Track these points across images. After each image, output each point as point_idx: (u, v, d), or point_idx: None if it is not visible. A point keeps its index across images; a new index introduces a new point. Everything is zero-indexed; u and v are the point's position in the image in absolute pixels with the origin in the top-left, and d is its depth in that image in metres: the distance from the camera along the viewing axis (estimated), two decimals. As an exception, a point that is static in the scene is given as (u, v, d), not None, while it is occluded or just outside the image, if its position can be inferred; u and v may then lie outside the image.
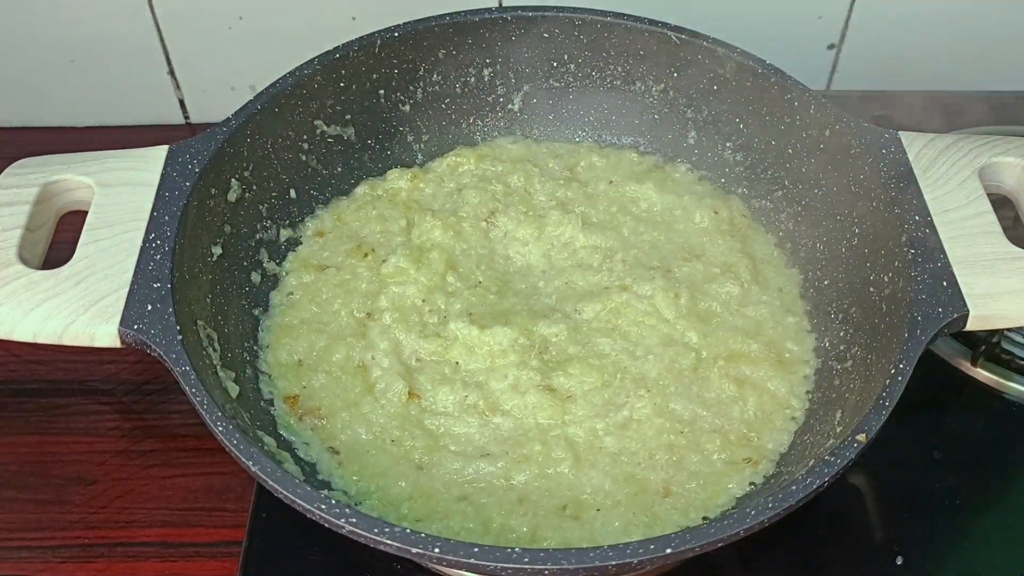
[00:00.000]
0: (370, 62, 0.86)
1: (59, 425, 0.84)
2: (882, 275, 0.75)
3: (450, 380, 0.77)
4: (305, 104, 0.85)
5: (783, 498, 0.61)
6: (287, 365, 0.79)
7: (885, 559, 0.75)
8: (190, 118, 1.09)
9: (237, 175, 0.81)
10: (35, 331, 0.71)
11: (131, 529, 0.78)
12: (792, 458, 0.74)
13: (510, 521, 0.71)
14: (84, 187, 0.78)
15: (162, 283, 0.72)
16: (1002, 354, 0.84)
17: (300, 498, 0.61)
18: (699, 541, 0.59)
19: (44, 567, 0.76)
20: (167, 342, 0.69)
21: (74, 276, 0.73)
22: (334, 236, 0.87)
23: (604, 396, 0.77)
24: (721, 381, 0.77)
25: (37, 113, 1.07)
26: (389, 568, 0.75)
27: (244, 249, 0.82)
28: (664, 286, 0.82)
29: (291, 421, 0.76)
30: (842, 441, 0.64)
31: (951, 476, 0.80)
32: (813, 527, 0.77)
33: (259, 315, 0.82)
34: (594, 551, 0.58)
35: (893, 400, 0.65)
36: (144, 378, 0.87)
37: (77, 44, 1.02)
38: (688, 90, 0.89)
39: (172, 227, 0.74)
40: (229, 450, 0.64)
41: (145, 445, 0.83)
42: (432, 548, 0.59)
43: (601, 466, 0.73)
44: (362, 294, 0.82)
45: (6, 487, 0.80)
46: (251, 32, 1.01)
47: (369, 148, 0.90)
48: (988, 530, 0.77)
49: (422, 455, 0.74)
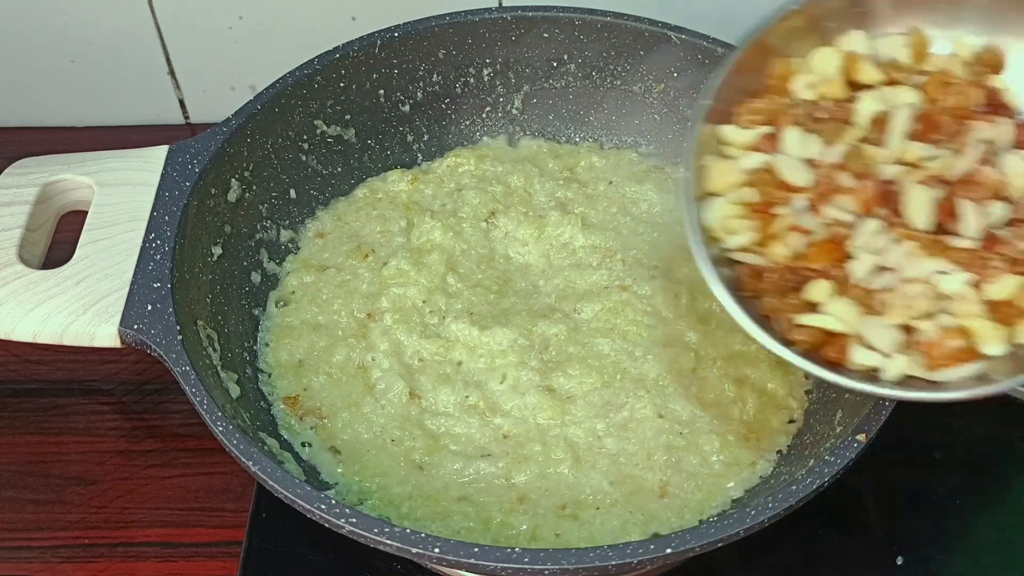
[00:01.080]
0: (370, 62, 0.86)
1: (59, 425, 0.84)
2: (882, 275, 0.75)
3: (451, 380, 0.77)
4: (305, 104, 0.85)
5: (783, 498, 0.61)
6: (287, 365, 0.79)
7: (885, 559, 0.75)
8: (190, 118, 1.09)
9: (237, 175, 0.81)
10: (35, 331, 0.71)
11: (131, 529, 0.78)
12: (792, 458, 0.74)
13: (510, 520, 0.71)
14: (84, 187, 0.78)
15: (162, 283, 0.72)
16: (1002, 354, 0.84)
17: (300, 498, 0.61)
18: (699, 541, 0.60)
19: (44, 567, 0.76)
20: (167, 342, 0.69)
21: (74, 276, 0.73)
22: (334, 237, 0.87)
23: (604, 396, 0.77)
24: (720, 382, 0.77)
25: (37, 113, 1.07)
26: (389, 568, 0.75)
27: (244, 249, 0.82)
28: (664, 286, 0.82)
29: (292, 422, 0.76)
30: (842, 441, 0.64)
31: (951, 476, 0.80)
32: (813, 527, 0.77)
33: (259, 315, 0.82)
34: (594, 551, 0.59)
35: (894, 400, 0.65)
36: (144, 378, 0.87)
37: (77, 44, 1.02)
38: (688, 90, 0.89)
39: (172, 227, 0.74)
40: (229, 450, 0.64)
41: (145, 445, 0.83)
42: (432, 548, 0.59)
43: (600, 467, 0.74)
44: (362, 295, 0.82)
45: (6, 487, 0.80)
46: (251, 32, 1.01)
47: (369, 148, 0.90)
48: (989, 530, 0.77)
49: (422, 455, 0.74)
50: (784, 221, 0.63)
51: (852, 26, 0.67)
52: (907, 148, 0.62)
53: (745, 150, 0.66)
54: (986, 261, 0.60)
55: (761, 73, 0.67)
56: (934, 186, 0.61)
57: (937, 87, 0.64)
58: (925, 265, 0.60)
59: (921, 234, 0.61)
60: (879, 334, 0.61)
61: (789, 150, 0.65)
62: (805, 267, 0.63)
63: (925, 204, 0.61)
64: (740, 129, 0.66)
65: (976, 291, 0.60)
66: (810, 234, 0.63)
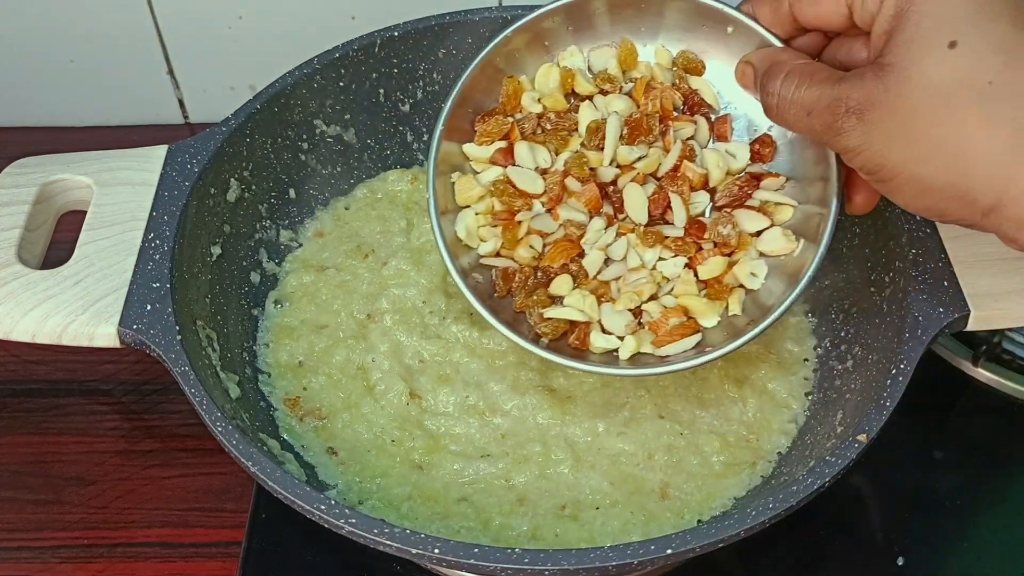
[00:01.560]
0: (370, 62, 0.86)
1: (58, 425, 0.84)
2: (883, 275, 0.75)
3: (450, 381, 0.77)
4: (305, 104, 0.85)
5: (784, 498, 0.61)
6: (287, 366, 0.79)
7: (886, 560, 0.75)
8: (189, 118, 1.09)
9: (236, 175, 0.81)
10: (34, 331, 0.71)
11: (131, 529, 0.78)
12: (792, 459, 0.73)
13: (510, 521, 0.71)
14: (83, 187, 0.78)
15: (161, 283, 0.72)
16: (1003, 354, 0.84)
17: (300, 499, 0.61)
18: (700, 542, 0.59)
19: (43, 567, 0.76)
20: (166, 342, 0.69)
21: (73, 276, 0.73)
22: (334, 237, 0.87)
23: (604, 396, 0.76)
24: (720, 382, 0.77)
25: (36, 113, 1.07)
26: (389, 568, 0.75)
27: (243, 249, 0.82)
28: (664, 286, 0.82)
29: (292, 423, 0.76)
30: (843, 441, 0.64)
31: (952, 476, 0.80)
32: (813, 527, 0.77)
33: (258, 315, 0.82)
34: (594, 551, 0.58)
35: (894, 400, 0.65)
36: (143, 378, 0.87)
37: (77, 44, 1.02)
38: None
39: (171, 227, 0.74)
40: (228, 450, 0.64)
41: (144, 445, 0.83)
42: (432, 548, 0.59)
43: (600, 467, 0.73)
44: (362, 295, 0.82)
45: (5, 487, 0.80)
46: (251, 32, 1.01)
47: (369, 148, 0.90)
48: (989, 531, 0.77)
49: (422, 455, 0.74)
50: (525, 226, 0.71)
51: (571, 42, 0.73)
52: (620, 151, 0.70)
53: (485, 164, 0.72)
54: (696, 246, 0.69)
55: (493, 92, 0.73)
56: (647, 183, 0.69)
57: (642, 92, 0.71)
58: (646, 254, 0.69)
59: (640, 227, 0.69)
60: (613, 319, 0.68)
61: (521, 161, 0.71)
62: (548, 266, 0.70)
63: (639, 200, 0.69)
64: (478, 146, 0.72)
65: (690, 273, 0.69)
66: (548, 236, 0.70)
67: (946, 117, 0.54)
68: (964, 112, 0.54)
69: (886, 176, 0.57)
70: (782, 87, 0.61)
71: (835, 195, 0.65)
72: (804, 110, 0.59)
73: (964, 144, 0.54)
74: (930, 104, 0.54)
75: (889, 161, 0.56)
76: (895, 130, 0.55)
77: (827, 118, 0.58)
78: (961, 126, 0.54)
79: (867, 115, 0.56)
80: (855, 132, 0.57)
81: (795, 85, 0.60)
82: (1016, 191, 0.54)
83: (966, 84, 0.54)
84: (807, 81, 0.60)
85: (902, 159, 0.56)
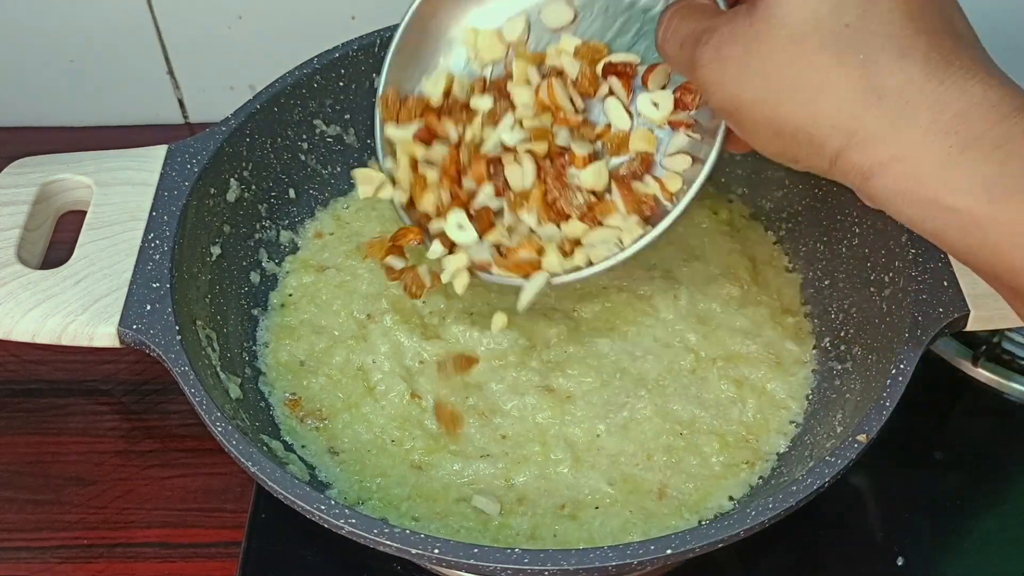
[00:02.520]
0: (370, 62, 0.86)
1: (58, 425, 0.84)
2: (882, 275, 0.75)
3: (450, 381, 0.77)
4: (305, 104, 0.85)
5: (783, 498, 0.61)
6: (287, 366, 0.79)
7: (886, 560, 0.75)
8: (189, 118, 1.09)
9: (236, 175, 0.81)
10: (33, 331, 0.71)
11: (130, 529, 0.78)
12: (792, 459, 0.73)
13: (509, 521, 0.71)
14: (83, 187, 0.78)
15: (161, 283, 0.72)
16: (1003, 354, 0.84)
17: (299, 499, 0.61)
18: (700, 542, 0.59)
19: (43, 567, 0.76)
20: (166, 342, 0.69)
21: (73, 276, 0.73)
22: (334, 237, 0.87)
23: (603, 396, 0.76)
24: (720, 382, 0.77)
25: (36, 113, 1.07)
26: (389, 568, 0.75)
27: (243, 249, 0.82)
28: (663, 287, 0.82)
29: (293, 424, 0.76)
30: (842, 441, 0.64)
31: (952, 476, 0.80)
32: (813, 528, 0.77)
33: (258, 315, 0.82)
34: (594, 551, 0.58)
35: (894, 400, 0.65)
36: (143, 378, 0.86)
37: (76, 44, 1.02)
38: (688, 90, 0.90)
39: (171, 227, 0.74)
40: (228, 450, 0.64)
41: (144, 445, 0.83)
42: (432, 548, 0.59)
43: (600, 467, 0.73)
44: (362, 295, 0.82)
45: (5, 487, 0.80)
46: (251, 32, 1.01)
47: (369, 148, 0.90)
48: (989, 531, 0.77)
49: (422, 455, 0.74)
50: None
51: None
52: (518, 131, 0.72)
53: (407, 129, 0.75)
54: (560, 210, 0.72)
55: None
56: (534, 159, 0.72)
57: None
58: (524, 216, 0.72)
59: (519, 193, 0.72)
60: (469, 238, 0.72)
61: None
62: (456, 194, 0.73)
63: (522, 174, 0.71)
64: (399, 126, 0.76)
65: (557, 228, 0.72)
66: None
67: (799, 57, 0.52)
68: (818, 54, 0.52)
69: (742, 117, 0.56)
70: (668, 19, 0.61)
71: (720, 132, 0.66)
72: (678, 42, 0.59)
73: (815, 86, 0.52)
74: (786, 44, 0.53)
75: (743, 101, 0.55)
76: (750, 68, 0.54)
77: (689, 51, 0.57)
78: (813, 68, 0.52)
79: (724, 50, 0.55)
80: (711, 66, 0.56)
81: (680, 18, 0.60)
82: (861, 136, 0.52)
83: (823, 26, 0.52)
84: (690, 15, 0.59)
85: (755, 98, 0.54)
